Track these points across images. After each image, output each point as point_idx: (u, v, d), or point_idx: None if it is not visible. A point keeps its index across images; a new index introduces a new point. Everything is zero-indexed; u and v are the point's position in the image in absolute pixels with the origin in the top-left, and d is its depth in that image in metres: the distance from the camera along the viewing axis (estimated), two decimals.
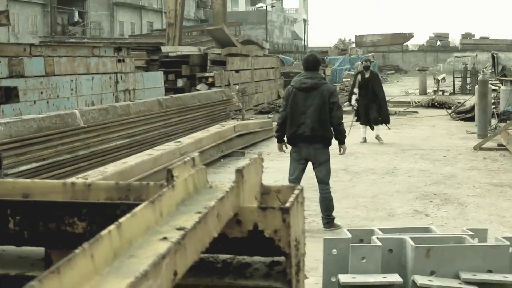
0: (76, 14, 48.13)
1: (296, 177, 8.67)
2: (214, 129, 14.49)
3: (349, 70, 44.10)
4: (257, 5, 79.67)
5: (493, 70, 34.33)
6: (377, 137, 16.33)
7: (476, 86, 18.72)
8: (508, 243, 3.06)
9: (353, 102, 16.38)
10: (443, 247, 2.97)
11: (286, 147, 8.93)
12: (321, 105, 8.35)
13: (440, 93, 34.62)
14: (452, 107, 24.84)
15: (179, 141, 12.67)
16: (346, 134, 8.88)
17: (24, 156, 10.14)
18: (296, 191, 1.45)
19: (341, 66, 47.21)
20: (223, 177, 12.48)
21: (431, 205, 9.95)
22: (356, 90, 16.21)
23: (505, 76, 25.56)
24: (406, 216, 9.37)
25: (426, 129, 20.11)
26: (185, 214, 1.30)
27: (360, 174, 12.65)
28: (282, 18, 76.42)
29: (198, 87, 23.20)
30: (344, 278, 2.93)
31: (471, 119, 20.42)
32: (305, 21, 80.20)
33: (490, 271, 2.97)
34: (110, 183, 1.69)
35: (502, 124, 17.69)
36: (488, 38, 71.99)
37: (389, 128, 16.83)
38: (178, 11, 28.46)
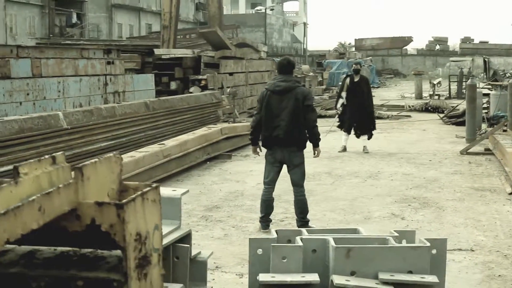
0: (74, 16, 48.20)
1: (271, 179, 8.73)
2: (200, 131, 14.53)
3: (347, 74, 44.22)
4: (256, 8, 79.74)
5: (485, 75, 34.36)
6: (364, 148, 15.78)
7: None
8: (428, 244, 3.10)
9: (339, 105, 16.02)
10: (363, 248, 3.02)
11: (261, 150, 8.97)
12: (295, 108, 8.39)
13: (436, 97, 34.67)
14: (445, 111, 24.87)
15: (163, 143, 12.72)
16: (321, 137, 8.88)
17: (5, 157, 10.19)
18: (146, 189, 1.51)
19: (338, 70, 47.32)
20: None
21: (409, 209, 9.99)
22: (343, 94, 15.88)
23: (496, 80, 25.62)
24: (382, 219, 9.41)
25: (416, 133, 20.15)
26: None
27: (343, 177, 12.69)
28: (281, 21, 76.50)
29: (191, 89, 23.25)
30: (263, 277, 2.98)
31: (463, 123, 20.38)
32: (305, 24, 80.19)
33: (410, 272, 3.02)
34: None
35: (490, 129, 17.73)
36: (487, 42, 72.01)
37: (369, 138, 15.95)
38: (173, 14, 28.47)
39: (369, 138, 15.94)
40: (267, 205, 8.72)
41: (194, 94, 19.03)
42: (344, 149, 15.80)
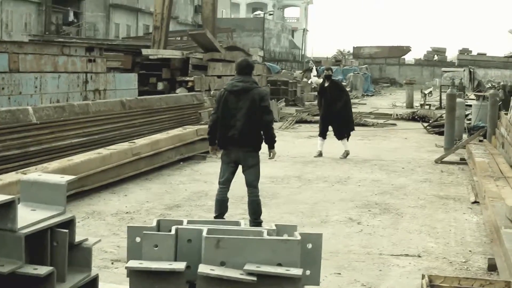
0: (71, 14, 48.25)
1: (226, 179, 8.77)
2: (175, 131, 14.57)
3: (342, 81, 44.35)
4: (255, 13, 79.84)
5: (470, 85, 34.48)
6: (344, 153, 15.78)
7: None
8: (298, 238, 3.18)
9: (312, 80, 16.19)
10: (232, 239, 3.08)
11: (218, 150, 9.02)
12: (251, 109, 8.44)
13: (427, 107, 34.76)
14: (431, 121, 24.94)
15: (133, 142, 12.78)
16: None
17: None
18: None
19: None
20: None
21: (368, 214, 10.05)
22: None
23: (480, 91, 25.73)
24: (339, 223, 9.47)
25: (397, 141, 20.22)
26: None
27: (311, 181, 12.75)
28: (280, 26, 76.56)
29: (178, 91, 23.35)
30: (131, 263, 3.06)
31: None
32: (304, 30, 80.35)
33: (280, 265, 3.09)
34: None
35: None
36: (485, 54, 72.04)
37: (347, 139, 15.97)
38: (164, 15, 28.56)
39: (347, 140, 16.00)
40: (221, 205, 8.76)
41: (173, 95, 19.12)
42: (320, 154, 15.86)
